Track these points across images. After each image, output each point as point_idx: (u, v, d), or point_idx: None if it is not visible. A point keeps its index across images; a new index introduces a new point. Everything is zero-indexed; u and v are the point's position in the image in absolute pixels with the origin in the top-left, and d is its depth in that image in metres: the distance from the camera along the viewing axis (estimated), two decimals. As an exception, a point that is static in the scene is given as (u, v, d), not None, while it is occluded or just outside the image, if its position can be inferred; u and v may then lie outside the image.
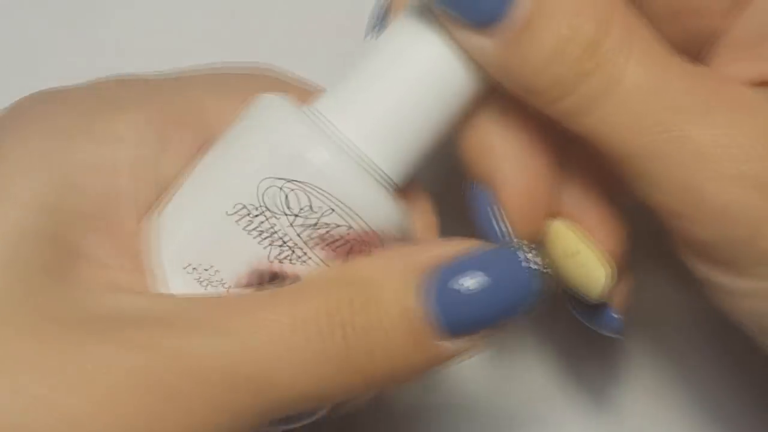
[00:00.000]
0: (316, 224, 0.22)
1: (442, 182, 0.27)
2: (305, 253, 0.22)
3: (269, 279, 0.22)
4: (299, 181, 0.22)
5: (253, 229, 0.22)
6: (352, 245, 0.22)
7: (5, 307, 0.20)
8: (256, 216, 0.22)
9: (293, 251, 0.22)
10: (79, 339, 0.20)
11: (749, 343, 0.24)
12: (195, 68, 0.26)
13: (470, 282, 0.21)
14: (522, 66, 0.21)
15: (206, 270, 0.23)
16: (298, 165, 0.22)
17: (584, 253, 0.25)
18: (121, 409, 0.19)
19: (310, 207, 0.22)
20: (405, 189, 0.24)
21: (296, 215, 0.22)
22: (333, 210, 0.22)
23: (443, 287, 0.21)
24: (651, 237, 0.24)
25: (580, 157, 0.25)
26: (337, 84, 0.23)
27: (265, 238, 0.22)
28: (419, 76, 0.23)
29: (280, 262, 0.22)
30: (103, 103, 0.23)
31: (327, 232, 0.22)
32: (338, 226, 0.22)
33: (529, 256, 0.22)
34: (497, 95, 0.23)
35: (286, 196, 0.22)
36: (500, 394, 0.32)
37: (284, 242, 0.22)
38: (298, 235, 0.22)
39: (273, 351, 0.20)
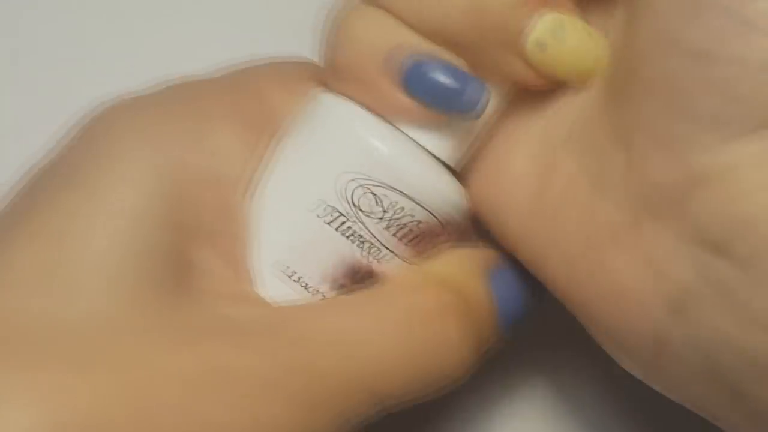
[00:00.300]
0: (394, 221, 0.23)
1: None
2: (387, 250, 0.24)
3: (362, 277, 0.24)
4: (374, 180, 0.23)
5: (343, 229, 0.23)
6: (422, 237, 0.24)
7: (132, 319, 0.20)
8: (342, 216, 0.23)
9: (378, 249, 0.24)
10: (200, 345, 0.20)
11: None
12: (247, 61, 0.26)
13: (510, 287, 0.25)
14: None
15: (299, 269, 0.24)
16: (373, 164, 0.23)
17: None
18: (254, 415, 0.20)
19: (386, 205, 0.23)
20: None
21: (374, 215, 0.23)
22: (404, 208, 0.23)
23: (499, 285, 0.24)
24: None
25: None
26: None
27: (351, 237, 0.23)
28: None
29: (369, 260, 0.24)
30: (201, 114, 0.24)
31: (402, 227, 0.24)
32: (412, 221, 0.23)
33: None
34: None
35: (370, 196, 0.23)
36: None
37: (366, 240, 0.23)
38: (379, 233, 0.23)
39: (384, 354, 0.22)
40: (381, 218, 0.23)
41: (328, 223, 0.23)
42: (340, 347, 0.21)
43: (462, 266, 0.24)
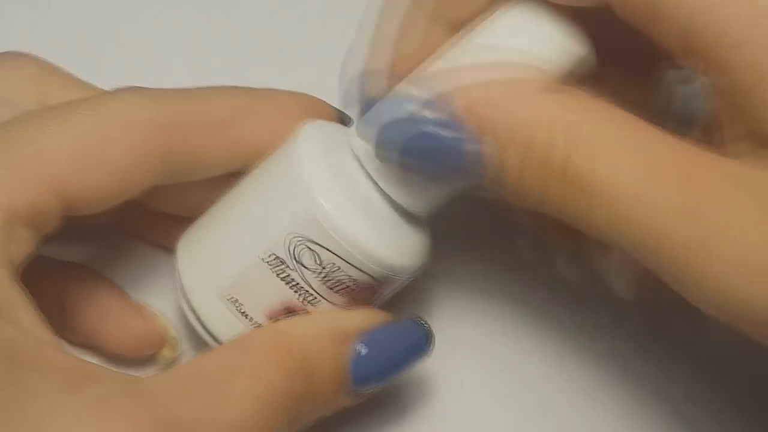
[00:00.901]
0: (330, 277, 0.27)
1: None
2: (322, 298, 0.27)
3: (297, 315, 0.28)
4: (315, 241, 0.26)
5: (283, 276, 0.27)
6: (358, 290, 0.27)
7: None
8: (286, 266, 0.27)
9: (314, 296, 0.27)
10: None
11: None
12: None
13: (377, 350, 0.27)
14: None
15: (244, 302, 0.28)
16: (314, 227, 0.26)
17: None
18: None
19: (325, 263, 0.27)
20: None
21: (313, 270, 0.27)
22: (340, 267, 0.27)
23: (357, 354, 0.27)
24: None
25: None
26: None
27: (290, 284, 0.27)
28: None
29: (304, 305, 0.27)
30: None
31: (338, 282, 0.27)
32: (346, 277, 0.27)
33: (423, 323, 0.29)
34: None
35: (308, 253, 0.26)
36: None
37: (304, 288, 0.27)
38: (316, 284, 0.27)
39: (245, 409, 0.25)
40: (319, 273, 0.27)
41: (273, 269, 0.27)
42: (207, 407, 0.24)
43: (319, 331, 0.27)
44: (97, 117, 0.27)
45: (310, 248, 0.26)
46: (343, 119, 0.31)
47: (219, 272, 0.28)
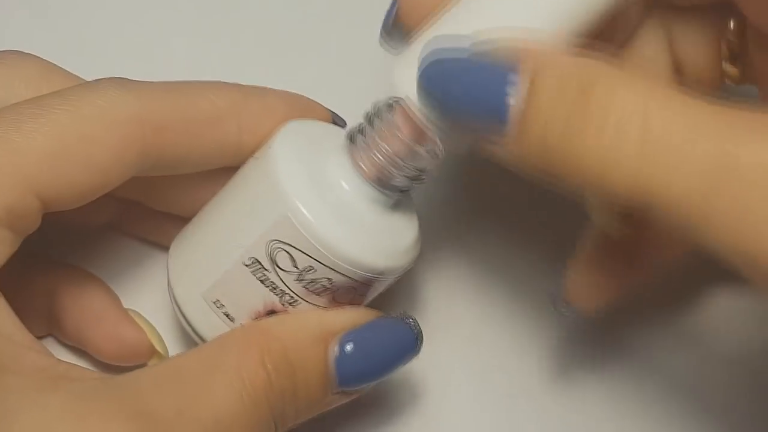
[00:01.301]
0: (307, 278, 0.27)
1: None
2: (300, 299, 0.27)
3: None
4: (290, 243, 0.26)
5: (263, 279, 0.27)
6: (336, 291, 0.27)
7: None
8: (264, 269, 0.27)
9: (292, 298, 0.27)
10: None
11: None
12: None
13: (363, 349, 0.27)
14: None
15: (226, 304, 0.28)
16: (288, 229, 0.26)
17: None
18: None
19: (300, 265, 0.27)
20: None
21: (290, 272, 0.27)
22: (316, 269, 0.27)
23: (343, 353, 0.27)
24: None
25: None
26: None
27: (270, 286, 0.27)
28: None
29: (284, 306, 0.27)
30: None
31: (313, 282, 0.27)
32: (324, 279, 0.27)
33: (412, 321, 0.28)
34: None
35: (283, 255, 0.26)
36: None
37: (282, 290, 0.27)
38: (294, 286, 0.27)
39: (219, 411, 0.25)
40: (296, 276, 0.27)
41: (253, 273, 0.27)
42: (189, 397, 0.25)
43: (301, 328, 0.27)
44: (75, 113, 0.26)
45: (285, 251, 0.26)
46: (336, 121, 0.31)
47: (203, 275, 0.28)
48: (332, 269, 0.26)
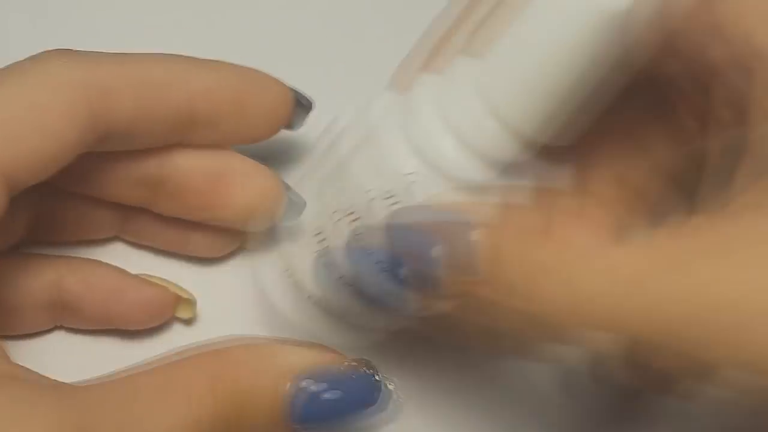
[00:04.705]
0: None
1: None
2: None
3: None
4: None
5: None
6: None
7: None
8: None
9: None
10: None
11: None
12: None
13: (325, 394, 0.26)
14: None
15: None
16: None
17: None
18: None
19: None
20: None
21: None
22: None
23: (296, 392, 0.26)
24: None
25: None
26: None
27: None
28: None
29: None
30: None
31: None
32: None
33: (377, 375, 0.27)
34: None
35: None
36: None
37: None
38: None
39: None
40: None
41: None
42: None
43: (259, 360, 0.26)
44: (20, 84, 0.26)
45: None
46: (300, 100, 0.31)
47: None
48: None
